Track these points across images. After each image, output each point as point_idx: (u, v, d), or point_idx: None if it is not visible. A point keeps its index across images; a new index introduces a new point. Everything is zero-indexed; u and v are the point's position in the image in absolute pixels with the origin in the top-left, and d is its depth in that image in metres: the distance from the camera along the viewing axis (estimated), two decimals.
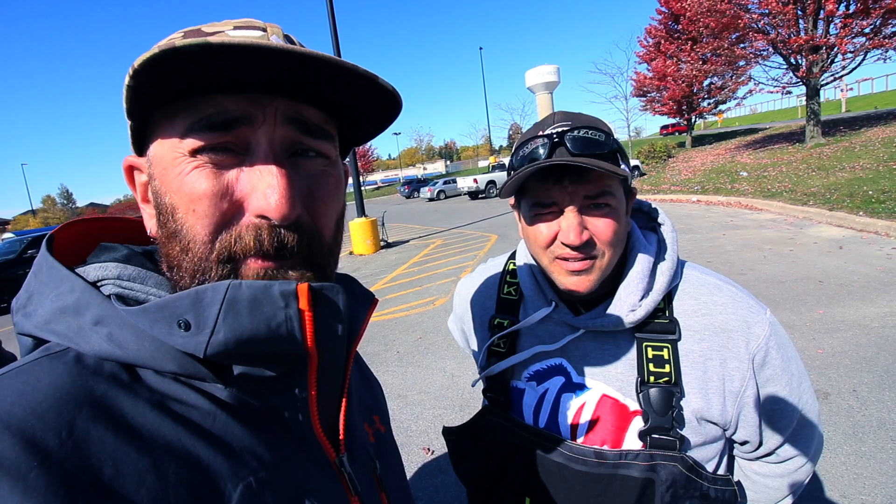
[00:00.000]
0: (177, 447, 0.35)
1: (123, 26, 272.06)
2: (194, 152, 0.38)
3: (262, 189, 0.38)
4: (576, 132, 0.68)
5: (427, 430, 3.06)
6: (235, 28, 0.41)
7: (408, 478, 2.58)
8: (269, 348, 0.38)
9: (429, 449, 2.84)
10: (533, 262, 0.86)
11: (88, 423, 0.32)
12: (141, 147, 0.43)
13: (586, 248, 0.70)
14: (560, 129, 0.70)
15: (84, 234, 0.48)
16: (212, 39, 0.33)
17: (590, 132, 0.68)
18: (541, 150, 0.69)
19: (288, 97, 0.40)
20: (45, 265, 0.41)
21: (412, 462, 2.76)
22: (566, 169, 0.67)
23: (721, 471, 0.78)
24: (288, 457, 0.41)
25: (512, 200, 0.81)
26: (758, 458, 0.82)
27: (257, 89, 0.39)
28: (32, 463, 0.28)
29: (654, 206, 0.85)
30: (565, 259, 0.71)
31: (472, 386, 0.91)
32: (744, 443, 0.78)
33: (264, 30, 0.41)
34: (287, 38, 0.43)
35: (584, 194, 0.68)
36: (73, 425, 0.31)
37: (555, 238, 0.71)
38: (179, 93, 0.38)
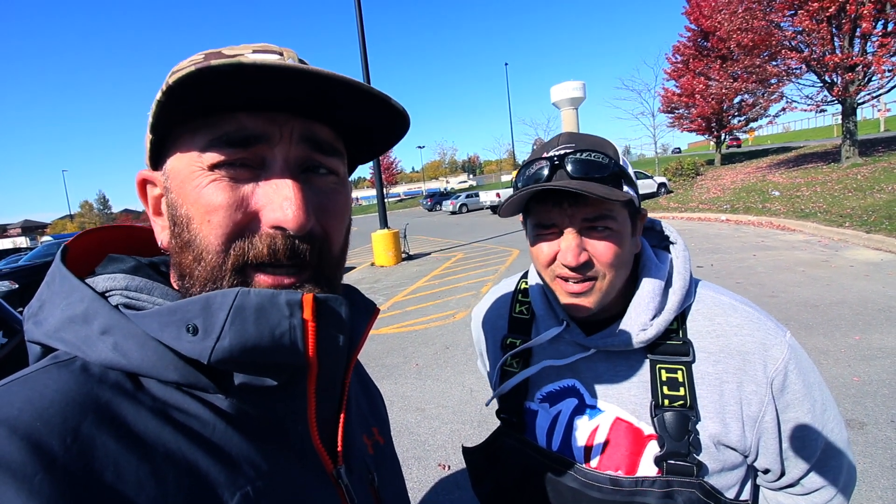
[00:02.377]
0: (177, 455, 0.35)
1: (160, 40, 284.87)
2: (213, 167, 0.40)
3: (279, 201, 0.40)
4: (577, 154, 0.68)
5: (444, 444, 3.03)
6: (254, 52, 0.42)
7: (424, 493, 2.58)
8: (271, 358, 0.39)
9: (445, 465, 2.82)
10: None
11: (93, 430, 0.33)
12: (157, 162, 0.45)
13: (585, 269, 0.70)
14: (563, 152, 0.70)
15: (95, 245, 0.49)
16: (244, 60, 0.35)
17: (592, 155, 0.68)
18: (543, 172, 0.69)
19: (302, 116, 0.43)
20: (58, 275, 0.42)
21: (429, 477, 2.74)
22: (565, 192, 0.67)
23: (744, 498, 0.75)
24: (286, 467, 0.42)
25: (521, 217, 0.81)
26: (782, 489, 0.78)
27: (274, 108, 0.41)
28: (38, 466, 0.29)
29: (665, 224, 0.84)
30: (565, 279, 0.72)
31: (487, 405, 0.91)
32: (766, 471, 0.75)
33: (281, 54, 0.44)
34: (301, 62, 0.45)
35: (583, 217, 0.69)
36: (78, 431, 0.32)
37: (555, 257, 0.71)
38: (202, 110, 0.40)
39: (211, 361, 0.37)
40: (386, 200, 12.90)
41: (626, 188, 0.70)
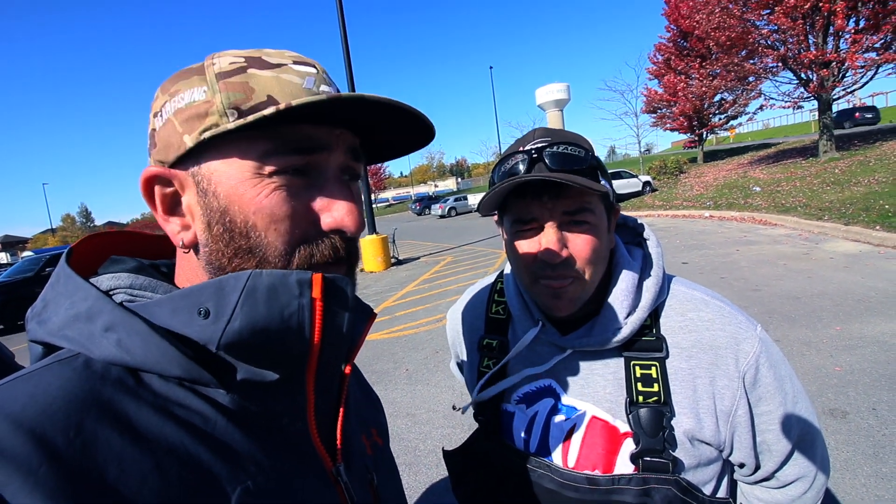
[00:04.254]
0: (179, 449, 0.36)
1: (145, 47, 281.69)
2: (274, 173, 0.41)
3: (340, 207, 0.44)
4: (554, 148, 0.68)
5: (435, 449, 3.03)
6: (295, 62, 0.44)
7: (415, 498, 2.56)
8: (277, 342, 0.39)
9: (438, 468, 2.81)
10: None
11: (95, 425, 0.33)
12: (181, 160, 0.42)
13: (566, 267, 0.69)
14: (539, 145, 0.69)
15: (99, 248, 0.50)
16: (366, 96, 0.40)
17: (568, 148, 0.68)
18: (519, 166, 0.68)
19: (350, 129, 0.46)
20: (63, 276, 0.43)
21: (420, 481, 2.73)
22: (544, 184, 0.67)
23: (721, 494, 0.76)
24: (286, 463, 0.43)
25: (496, 217, 0.80)
26: (758, 483, 0.79)
27: (332, 122, 0.44)
28: (42, 459, 0.30)
29: (637, 220, 0.84)
30: (545, 278, 0.71)
31: (462, 413, 0.88)
32: (741, 465, 0.76)
33: (314, 66, 0.46)
34: (325, 75, 0.48)
35: (563, 210, 0.68)
36: (81, 426, 0.33)
37: (535, 256, 0.70)
38: (269, 119, 0.39)
39: (221, 345, 0.38)
40: (374, 206, 12.85)
41: (602, 181, 0.71)
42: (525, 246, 0.71)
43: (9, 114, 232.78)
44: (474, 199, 24.50)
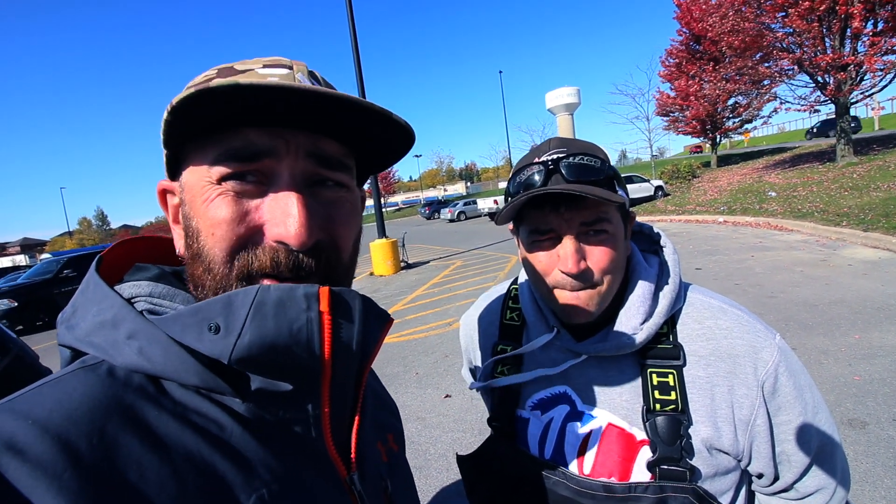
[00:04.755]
0: (196, 457, 0.37)
1: (160, 57, 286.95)
2: (220, 180, 0.42)
3: (281, 217, 0.41)
4: (571, 159, 0.68)
5: (446, 453, 3.01)
6: (265, 66, 0.44)
7: (426, 502, 2.55)
8: (288, 356, 0.40)
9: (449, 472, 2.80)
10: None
11: (117, 430, 0.34)
12: (175, 173, 0.47)
13: (584, 277, 0.69)
14: (555, 156, 0.69)
15: (125, 255, 0.52)
16: (241, 80, 0.37)
17: (585, 158, 0.68)
18: (536, 177, 0.69)
19: (309, 131, 0.44)
20: (92, 283, 0.44)
21: (430, 486, 2.72)
22: (562, 196, 0.67)
23: None
24: (300, 472, 0.43)
25: (511, 226, 0.81)
26: (775, 494, 0.77)
27: (281, 124, 0.42)
28: (67, 464, 0.31)
29: (653, 227, 0.84)
30: (563, 288, 0.71)
31: (478, 391, 0.88)
32: (759, 476, 0.75)
33: (290, 67, 0.45)
34: (311, 75, 0.47)
35: (581, 221, 0.68)
36: (104, 432, 0.34)
37: (553, 266, 0.71)
38: (210, 127, 0.41)
39: (231, 360, 0.38)
40: (384, 210, 12.92)
41: (619, 191, 0.71)
42: (542, 256, 0.72)
43: (29, 118, 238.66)
44: (484, 204, 24.50)
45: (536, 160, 0.71)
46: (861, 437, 2.65)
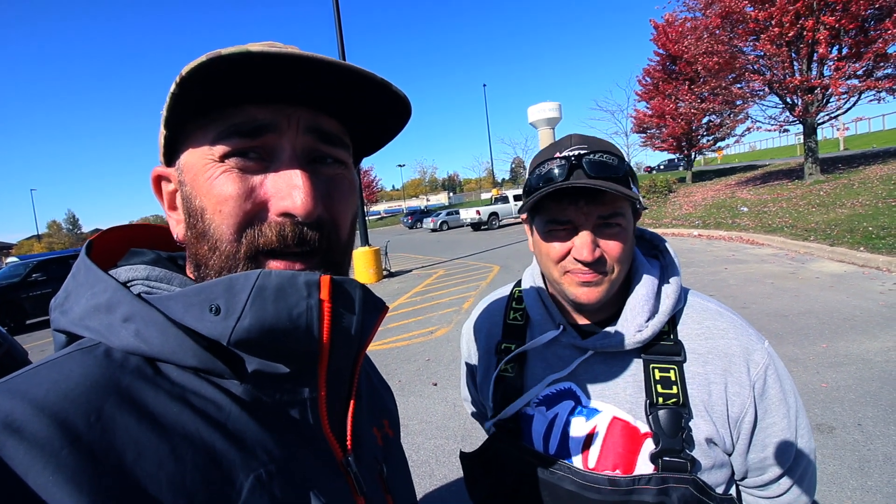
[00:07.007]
0: (194, 437, 0.37)
1: (134, 55, 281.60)
2: (223, 157, 0.42)
3: (287, 189, 0.42)
4: (593, 156, 0.71)
5: (428, 460, 3.01)
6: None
7: None
8: (287, 341, 0.40)
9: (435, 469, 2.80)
10: (541, 286, 0.88)
11: (115, 410, 0.34)
12: (170, 158, 0.47)
13: (598, 265, 0.73)
14: (578, 152, 0.73)
15: (118, 241, 0.51)
16: (252, 48, 0.37)
17: (605, 156, 0.71)
18: (556, 171, 0.72)
19: (308, 108, 0.45)
20: (83, 267, 0.44)
21: (415, 490, 2.71)
22: (582, 190, 0.70)
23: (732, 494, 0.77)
24: (297, 453, 0.43)
25: (524, 216, 0.84)
26: (752, 490, 0.81)
27: (282, 101, 0.43)
28: (64, 441, 0.31)
29: (653, 232, 0.89)
30: (575, 273, 0.74)
31: (485, 430, 0.88)
32: (740, 472, 0.78)
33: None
34: None
35: (598, 214, 0.72)
36: (101, 411, 0.34)
37: (567, 253, 0.75)
38: (213, 104, 0.42)
39: (231, 341, 0.39)
40: (367, 218, 12.87)
41: (633, 188, 0.75)
42: (558, 245, 0.75)
43: None
44: (466, 214, 24.49)
45: (557, 155, 0.74)
46: (828, 441, 2.75)
